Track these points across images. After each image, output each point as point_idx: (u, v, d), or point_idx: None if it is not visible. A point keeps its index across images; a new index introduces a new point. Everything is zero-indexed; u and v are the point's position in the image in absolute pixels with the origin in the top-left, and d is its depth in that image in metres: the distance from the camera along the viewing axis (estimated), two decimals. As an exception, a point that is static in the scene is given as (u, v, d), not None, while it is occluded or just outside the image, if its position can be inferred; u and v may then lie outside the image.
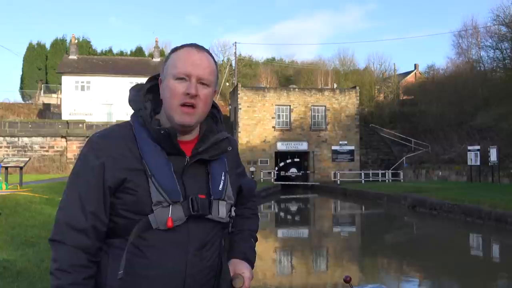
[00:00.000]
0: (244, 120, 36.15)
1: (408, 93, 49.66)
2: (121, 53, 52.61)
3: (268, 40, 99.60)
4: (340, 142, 37.26)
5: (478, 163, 26.25)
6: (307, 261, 11.01)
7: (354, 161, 37.31)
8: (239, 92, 36.43)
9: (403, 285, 8.79)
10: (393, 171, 35.06)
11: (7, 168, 15.19)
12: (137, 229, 1.41)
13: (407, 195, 20.95)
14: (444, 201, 17.46)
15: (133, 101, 1.55)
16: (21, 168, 15.52)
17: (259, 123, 36.36)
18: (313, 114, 37.41)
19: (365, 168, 37.21)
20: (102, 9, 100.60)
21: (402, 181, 32.77)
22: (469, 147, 27.29)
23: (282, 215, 21.82)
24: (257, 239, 1.72)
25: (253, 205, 1.76)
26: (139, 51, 53.82)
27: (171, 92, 1.46)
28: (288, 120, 36.99)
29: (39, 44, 51.79)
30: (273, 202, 26.57)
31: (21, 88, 51.52)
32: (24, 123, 32.84)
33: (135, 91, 1.58)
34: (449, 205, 16.88)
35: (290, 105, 36.99)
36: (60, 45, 51.35)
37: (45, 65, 50.84)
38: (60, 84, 41.13)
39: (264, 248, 12.22)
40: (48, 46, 51.93)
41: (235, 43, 50.81)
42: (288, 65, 63.98)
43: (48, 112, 43.52)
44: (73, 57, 40.81)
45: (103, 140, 1.47)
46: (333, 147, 37.16)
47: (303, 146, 36.97)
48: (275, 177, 35.11)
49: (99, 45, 78.57)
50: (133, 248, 1.41)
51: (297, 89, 39.13)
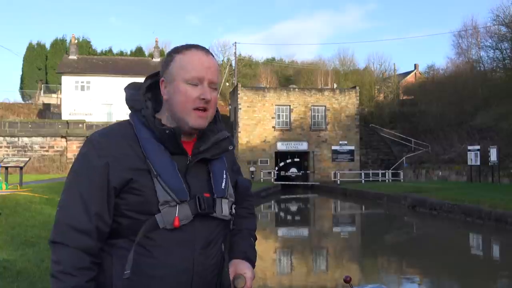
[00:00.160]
0: (244, 120, 36.15)
1: (408, 93, 49.67)
2: (121, 53, 52.61)
3: (268, 40, 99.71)
4: (340, 142, 37.27)
5: (478, 163, 26.25)
6: (307, 261, 11.01)
7: (354, 161, 37.32)
8: (239, 92, 36.44)
9: (403, 285, 8.79)
10: (393, 171, 35.06)
11: (7, 168, 15.20)
12: (144, 229, 1.40)
13: (407, 195, 20.95)
14: (444, 201, 17.46)
15: (133, 100, 1.54)
16: (21, 168, 15.52)
17: (259, 123, 36.37)
18: (313, 114, 37.41)
19: (365, 168, 37.21)
20: (102, 9, 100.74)
21: (402, 181, 32.77)
22: (469, 147, 27.29)
23: (282, 215, 21.82)
24: (256, 238, 1.73)
25: (249, 205, 1.77)
26: (139, 51, 53.83)
27: (184, 96, 1.47)
28: (288, 120, 37.00)
29: (39, 44, 51.80)
30: (273, 202, 26.58)
31: (21, 88, 51.53)
32: (24, 123, 32.83)
33: (134, 90, 1.57)
34: (449, 205, 16.87)
35: (290, 105, 36.99)
36: (60, 45, 51.35)
37: (45, 65, 50.84)
38: (60, 84, 41.13)
39: (264, 248, 12.22)
40: (48, 46, 51.95)
41: (235, 43, 50.86)
42: (288, 65, 63.99)
43: (48, 112, 43.53)
44: (73, 57, 40.81)
45: (105, 139, 1.45)
46: (333, 147, 37.17)
47: (303, 146, 36.97)
48: (275, 177, 35.11)
49: (99, 45, 78.62)
50: (139, 247, 1.41)
51: (297, 89, 39.13)
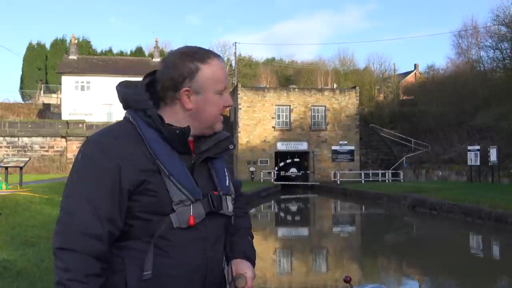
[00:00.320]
0: (244, 120, 36.15)
1: (408, 93, 49.66)
2: (121, 53, 52.62)
3: (268, 40, 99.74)
4: (340, 142, 37.26)
5: (478, 163, 26.25)
6: (307, 261, 11.01)
7: (354, 161, 37.31)
8: (239, 92, 36.43)
9: (403, 285, 8.79)
10: (393, 171, 35.06)
11: (7, 168, 15.18)
12: (161, 229, 1.40)
13: (407, 195, 20.94)
14: (444, 201, 17.46)
15: (136, 100, 1.51)
16: (21, 168, 15.50)
17: (259, 123, 36.36)
18: (313, 114, 37.41)
19: (365, 168, 37.20)
20: (102, 9, 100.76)
21: (402, 181, 32.77)
22: (469, 147, 27.29)
23: (282, 215, 21.83)
24: (253, 236, 1.75)
25: (242, 204, 1.80)
26: (139, 51, 53.84)
27: (216, 107, 1.54)
28: (288, 120, 36.99)
29: (39, 44, 51.82)
30: (273, 202, 26.58)
31: (21, 88, 51.55)
32: (24, 123, 32.83)
33: (131, 88, 1.53)
34: (449, 205, 16.87)
35: (290, 105, 36.99)
36: (60, 45, 51.36)
37: (45, 65, 50.86)
38: (60, 84, 41.14)
39: (264, 248, 12.21)
40: (48, 46, 51.98)
41: (235, 43, 50.91)
42: (288, 65, 64.01)
43: (48, 112, 43.54)
44: (73, 57, 40.81)
45: (112, 140, 1.42)
46: (333, 147, 37.16)
47: (303, 146, 36.96)
48: (275, 177, 35.10)
49: (99, 45, 78.66)
50: (155, 248, 1.41)
51: (297, 89, 39.12)
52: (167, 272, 1.41)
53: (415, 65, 61.91)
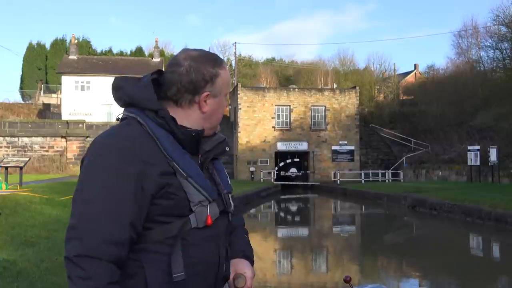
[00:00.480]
0: (244, 120, 36.15)
1: (408, 93, 49.66)
2: (121, 53, 52.60)
3: (268, 40, 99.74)
4: (340, 142, 37.26)
5: (478, 163, 26.25)
6: (307, 261, 11.01)
7: (354, 161, 37.31)
8: (239, 92, 36.44)
9: (403, 285, 8.79)
10: (393, 171, 35.06)
11: (7, 168, 15.17)
12: (181, 230, 1.41)
13: (407, 195, 20.94)
14: (444, 201, 17.46)
15: (145, 99, 1.46)
16: (21, 168, 15.50)
17: (259, 123, 36.36)
18: (313, 114, 37.41)
19: (365, 168, 37.21)
20: (102, 9, 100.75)
21: (402, 181, 32.78)
22: (469, 147, 27.29)
23: (282, 215, 21.83)
24: (247, 233, 1.78)
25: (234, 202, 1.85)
26: (139, 51, 53.81)
27: (223, 107, 1.61)
28: (288, 120, 36.99)
29: (39, 44, 51.79)
30: (273, 202, 26.59)
31: (21, 88, 51.53)
32: (24, 123, 32.82)
33: (144, 87, 1.48)
34: (449, 205, 16.88)
35: (290, 105, 36.99)
36: (60, 45, 51.34)
37: (45, 65, 50.83)
38: (60, 84, 41.12)
39: (264, 248, 12.22)
40: (48, 46, 51.94)
41: (235, 43, 50.99)
42: (288, 65, 64.00)
43: (48, 112, 43.53)
44: (73, 57, 40.80)
45: (132, 143, 1.38)
46: (333, 147, 37.16)
47: (303, 146, 36.96)
48: (275, 177, 35.10)
49: (99, 45, 78.60)
50: (172, 249, 1.41)
51: (297, 89, 39.12)
52: (186, 271, 1.42)
53: (415, 65, 61.98)
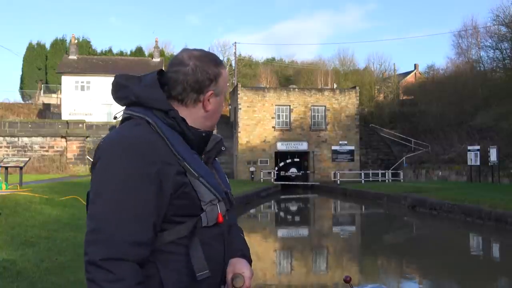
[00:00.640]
0: (244, 120, 36.15)
1: (408, 93, 49.66)
2: (121, 53, 52.60)
3: (268, 40, 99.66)
4: (340, 142, 37.25)
5: (478, 163, 26.25)
6: (307, 261, 11.01)
7: (354, 161, 37.30)
8: (239, 92, 36.43)
9: (403, 285, 8.80)
10: (393, 171, 35.06)
11: (7, 168, 15.16)
12: (194, 229, 1.43)
13: (407, 195, 20.95)
14: (444, 201, 17.46)
15: (154, 99, 1.46)
16: (21, 168, 15.49)
17: (259, 123, 36.36)
18: (313, 114, 37.40)
19: (365, 168, 37.20)
20: (102, 9, 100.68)
21: (402, 181, 32.78)
22: (469, 147, 27.28)
23: (282, 215, 21.83)
24: (242, 231, 1.79)
25: None
26: (139, 51, 53.80)
27: (222, 106, 1.63)
28: (288, 120, 36.99)
29: (39, 44, 51.79)
30: (273, 202, 26.59)
31: (21, 88, 51.53)
32: (24, 123, 32.81)
33: (149, 87, 1.48)
34: (449, 205, 16.88)
35: (290, 105, 36.99)
36: (60, 45, 51.34)
37: (45, 65, 50.84)
38: (60, 84, 41.13)
39: (264, 248, 12.22)
40: (48, 46, 51.95)
41: (235, 43, 50.94)
42: (288, 65, 63.98)
43: (48, 112, 43.53)
44: (73, 57, 40.81)
45: (148, 143, 1.38)
46: (333, 147, 37.16)
47: (303, 146, 36.96)
48: (275, 177, 35.10)
49: (99, 45, 78.57)
50: (185, 248, 1.42)
51: (297, 89, 39.12)
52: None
53: (415, 65, 61.95)
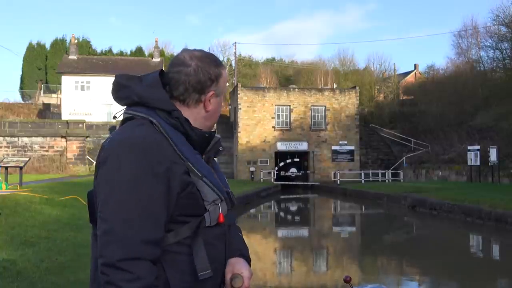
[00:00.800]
0: (244, 120, 36.15)
1: (408, 93, 49.65)
2: (121, 53, 52.60)
3: (268, 40, 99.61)
4: (340, 142, 37.25)
5: (478, 163, 26.24)
6: (307, 261, 11.01)
7: (354, 161, 37.30)
8: (239, 92, 36.43)
9: (403, 285, 8.79)
10: (393, 171, 35.06)
11: (7, 168, 15.17)
12: (198, 229, 1.44)
13: (407, 195, 20.94)
14: (444, 201, 17.46)
15: (157, 99, 1.48)
16: (21, 168, 15.49)
17: (259, 123, 36.35)
18: (313, 114, 37.40)
19: (365, 168, 37.19)
20: (102, 9, 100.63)
21: (402, 181, 32.77)
22: (469, 147, 27.28)
23: (282, 215, 21.83)
24: (241, 230, 1.79)
25: None
26: (139, 51, 53.81)
27: (221, 106, 1.64)
28: (288, 120, 36.98)
29: (39, 44, 51.79)
30: (273, 202, 26.59)
31: (21, 88, 51.54)
32: (24, 123, 32.81)
33: (151, 87, 1.49)
34: (449, 205, 16.88)
35: (290, 105, 36.98)
36: (60, 45, 51.34)
37: (45, 65, 50.84)
38: (60, 84, 41.14)
39: (264, 248, 12.22)
40: (48, 46, 51.95)
41: (235, 43, 50.94)
42: (288, 65, 63.98)
43: (48, 112, 43.54)
44: (73, 57, 40.81)
45: (155, 143, 1.39)
46: (333, 147, 37.15)
47: (303, 146, 36.96)
48: (275, 177, 35.10)
49: (99, 45, 78.55)
50: (188, 248, 1.43)
51: (297, 89, 39.11)
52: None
53: (415, 65, 61.93)
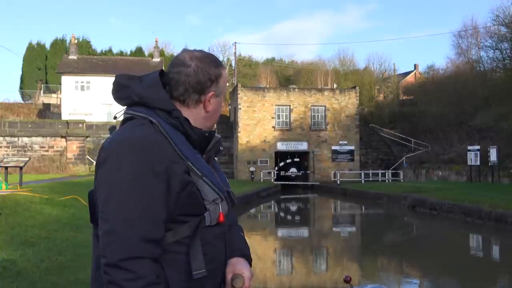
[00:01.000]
0: (244, 120, 36.15)
1: (408, 93, 49.64)
2: (121, 53, 52.58)
3: (268, 40, 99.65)
4: (340, 142, 37.24)
5: (478, 163, 26.25)
6: (307, 261, 11.01)
7: (354, 161, 37.30)
8: (239, 92, 36.43)
9: (403, 285, 8.79)
10: (393, 171, 35.06)
11: (7, 168, 15.16)
12: (198, 229, 1.44)
13: (407, 195, 20.94)
14: (444, 201, 17.46)
15: (157, 99, 1.48)
16: (21, 168, 15.49)
17: (259, 123, 36.35)
18: (313, 114, 37.40)
19: (365, 168, 37.19)
20: (102, 9, 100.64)
21: (402, 181, 32.78)
22: (469, 147, 27.28)
23: (282, 215, 21.83)
24: (242, 230, 1.78)
25: None
26: (139, 51, 53.80)
27: (221, 106, 1.65)
28: (288, 120, 36.98)
29: (39, 44, 51.78)
30: (273, 202, 26.58)
31: (21, 88, 51.53)
32: (24, 123, 32.82)
33: (151, 87, 1.50)
34: (449, 205, 16.88)
35: (290, 105, 36.98)
36: (60, 45, 51.33)
37: (45, 65, 50.83)
38: (60, 84, 41.13)
39: (264, 248, 12.22)
40: (48, 46, 51.93)
41: (235, 43, 50.95)
42: (288, 65, 63.98)
43: (48, 112, 43.54)
44: (73, 57, 40.81)
45: (155, 143, 1.40)
46: (333, 147, 37.15)
47: (303, 146, 36.96)
48: (275, 177, 35.09)
49: (99, 45, 78.65)
50: (187, 248, 1.43)
51: (297, 89, 39.11)
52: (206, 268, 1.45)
53: (415, 65, 61.95)
